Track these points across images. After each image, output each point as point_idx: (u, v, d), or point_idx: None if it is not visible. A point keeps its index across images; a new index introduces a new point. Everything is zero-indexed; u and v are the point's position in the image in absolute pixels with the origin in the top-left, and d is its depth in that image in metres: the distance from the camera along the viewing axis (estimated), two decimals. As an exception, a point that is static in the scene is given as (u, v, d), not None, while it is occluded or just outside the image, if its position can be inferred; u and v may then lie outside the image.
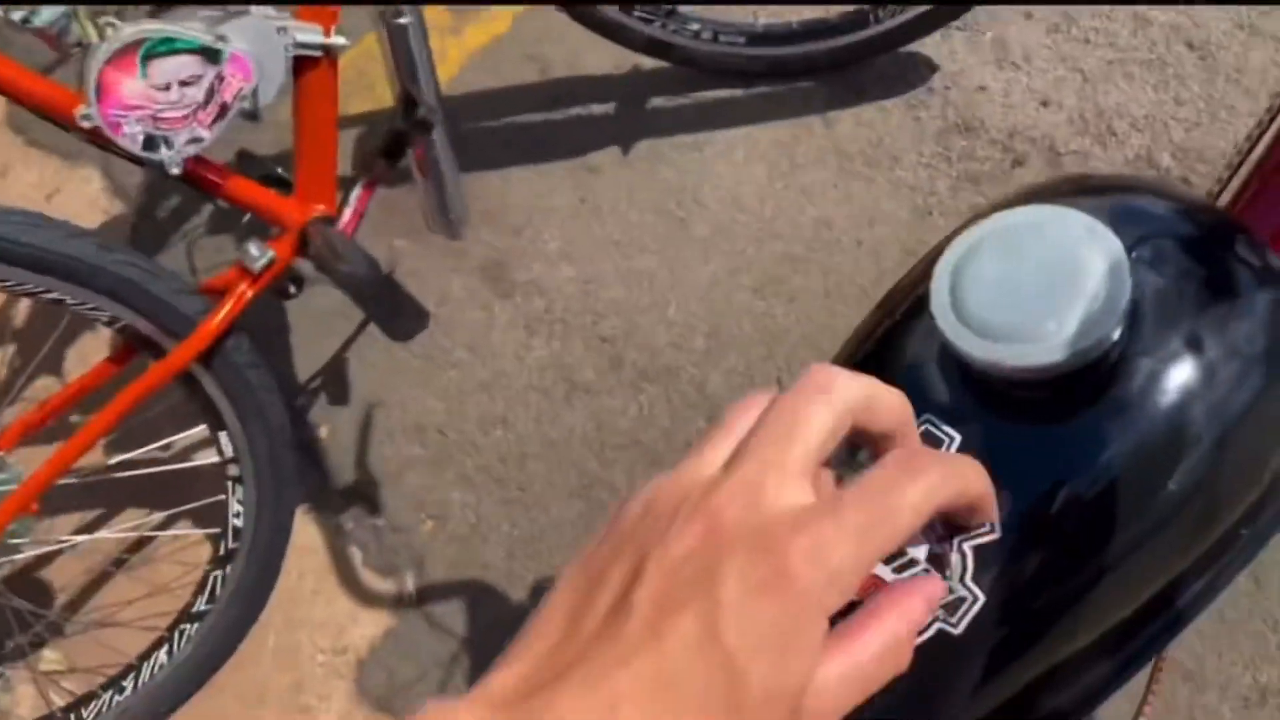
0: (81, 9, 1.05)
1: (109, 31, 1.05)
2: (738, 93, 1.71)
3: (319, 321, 1.65)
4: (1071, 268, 0.39)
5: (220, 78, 1.09)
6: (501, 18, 1.85)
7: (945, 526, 0.41)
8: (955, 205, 1.57)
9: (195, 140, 1.11)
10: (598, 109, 1.74)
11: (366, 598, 1.47)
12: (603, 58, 1.76)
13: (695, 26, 1.60)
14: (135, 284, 1.18)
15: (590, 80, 1.76)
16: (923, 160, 1.62)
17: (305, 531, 1.53)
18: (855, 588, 0.31)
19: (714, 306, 1.56)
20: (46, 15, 1.04)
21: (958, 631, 0.41)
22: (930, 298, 0.41)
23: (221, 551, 1.37)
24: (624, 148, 1.70)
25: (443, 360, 1.58)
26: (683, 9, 1.59)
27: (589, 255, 1.63)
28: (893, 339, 0.47)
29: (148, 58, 1.06)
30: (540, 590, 1.42)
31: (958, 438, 0.41)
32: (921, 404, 0.43)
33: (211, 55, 1.08)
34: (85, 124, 1.06)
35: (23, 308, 1.71)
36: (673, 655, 0.29)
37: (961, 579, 0.41)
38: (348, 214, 1.24)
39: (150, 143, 1.10)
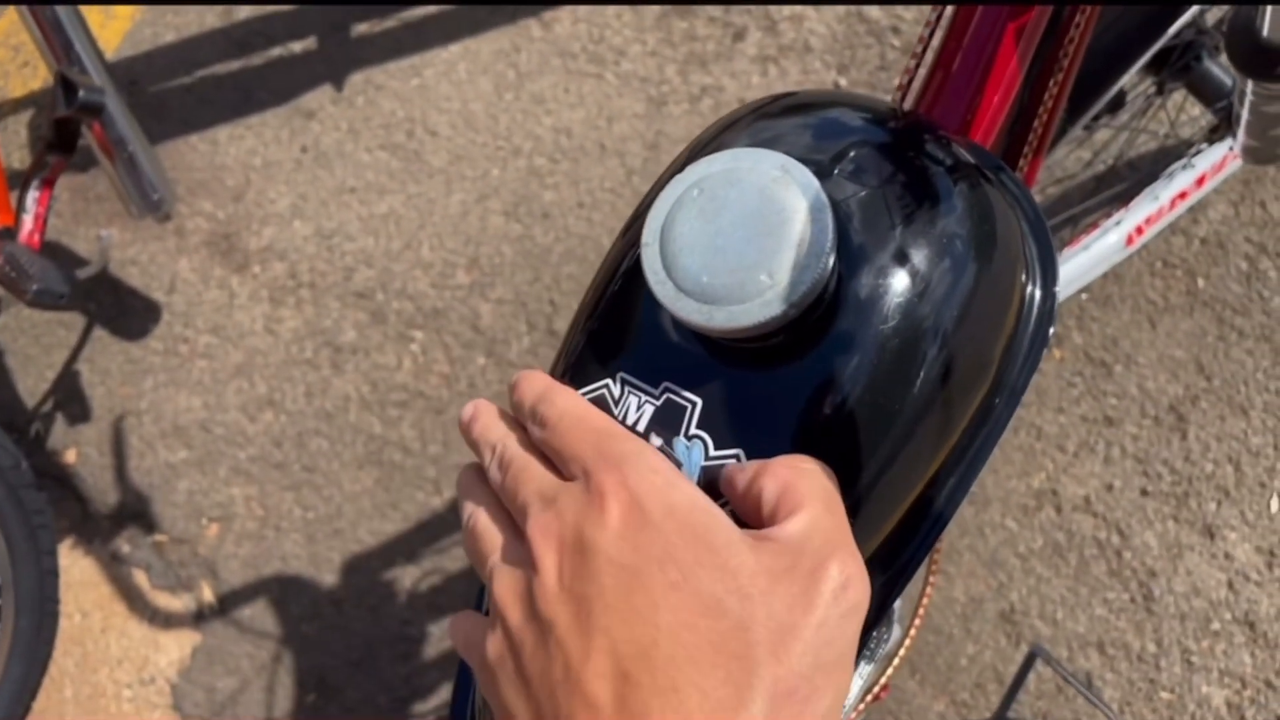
0: None
1: None
2: (446, 5, 1.62)
3: (37, 336, 1.48)
4: (773, 213, 0.37)
5: None
6: (166, -39, 1.66)
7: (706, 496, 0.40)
8: (688, 90, 1.56)
9: None
10: (298, 46, 1.61)
11: (164, 620, 1.37)
12: (291, -11, 1.62)
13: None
14: None
15: (283, 15, 1.62)
16: (647, 49, 1.59)
17: (78, 566, 1.40)
18: None
19: (469, 238, 1.50)
20: None
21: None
22: (643, 264, 0.39)
23: (-18, 614, 1.23)
24: (337, 84, 1.58)
25: (187, 351, 1.46)
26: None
27: (323, 208, 1.52)
28: (621, 301, 0.45)
29: None
30: (352, 567, 1.36)
31: (699, 401, 0.40)
32: (659, 372, 0.41)
33: None
34: None
35: None
36: None
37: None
38: (28, 221, 1.10)
39: None
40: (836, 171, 0.42)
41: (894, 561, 0.43)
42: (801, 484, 0.36)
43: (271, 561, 1.37)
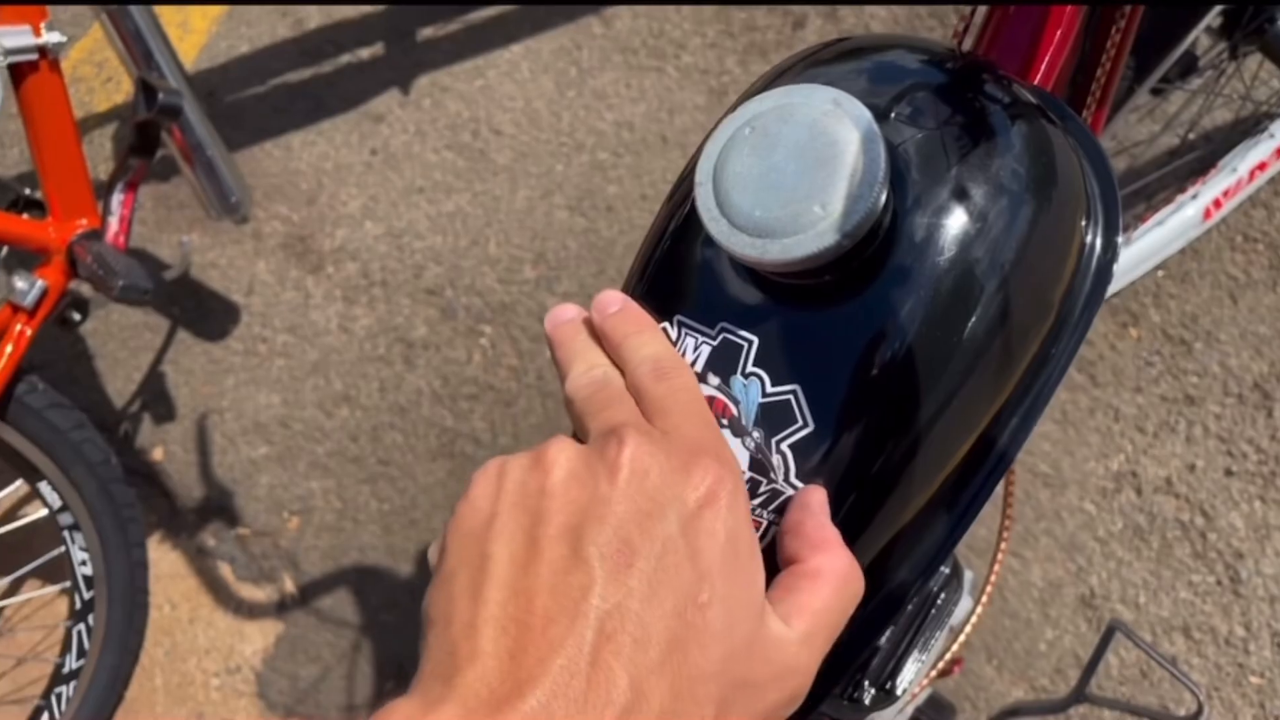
0: None
1: None
2: (508, 7, 1.65)
3: (124, 340, 1.53)
4: (825, 146, 0.37)
5: (-77, 106, 0.97)
6: (239, -25, 1.71)
7: (761, 433, 0.40)
8: (749, 80, 1.56)
9: (-87, 180, 0.99)
10: (365, 53, 1.65)
11: (248, 610, 1.41)
12: (358, -3, 1.66)
13: (446, -54, 1.52)
14: (-107, 351, 1.06)
15: (350, 23, 1.66)
16: (707, 41, 1.60)
17: (166, 560, 1.44)
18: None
19: (535, 233, 1.52)
20: None
21: (794, 532, 0.40)
22: (697, 203, 0.39)
23: (78, 604, 1.28)
24: (403, 88, 1.62)
25: (266, 351, 1.50)
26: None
27: (393, 208, 1.56)
28: (676, 248, 0.45)
29: None
30: (427, 557, 1.39)
31: (755, 340, 0.40)
32: (715, 313, 0.42)
33: (-95, 83, 0.96)
34: None
35: None
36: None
37: (786, 478, 0.40)
38: (114, 223, 1.14)
39: None
40: (894, 115, 0.42)
41: (958, 500, 0.42)
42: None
43: (350, 552, 1.40)
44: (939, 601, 0.62)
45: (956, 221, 0.40)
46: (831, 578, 0.35)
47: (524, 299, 1.48)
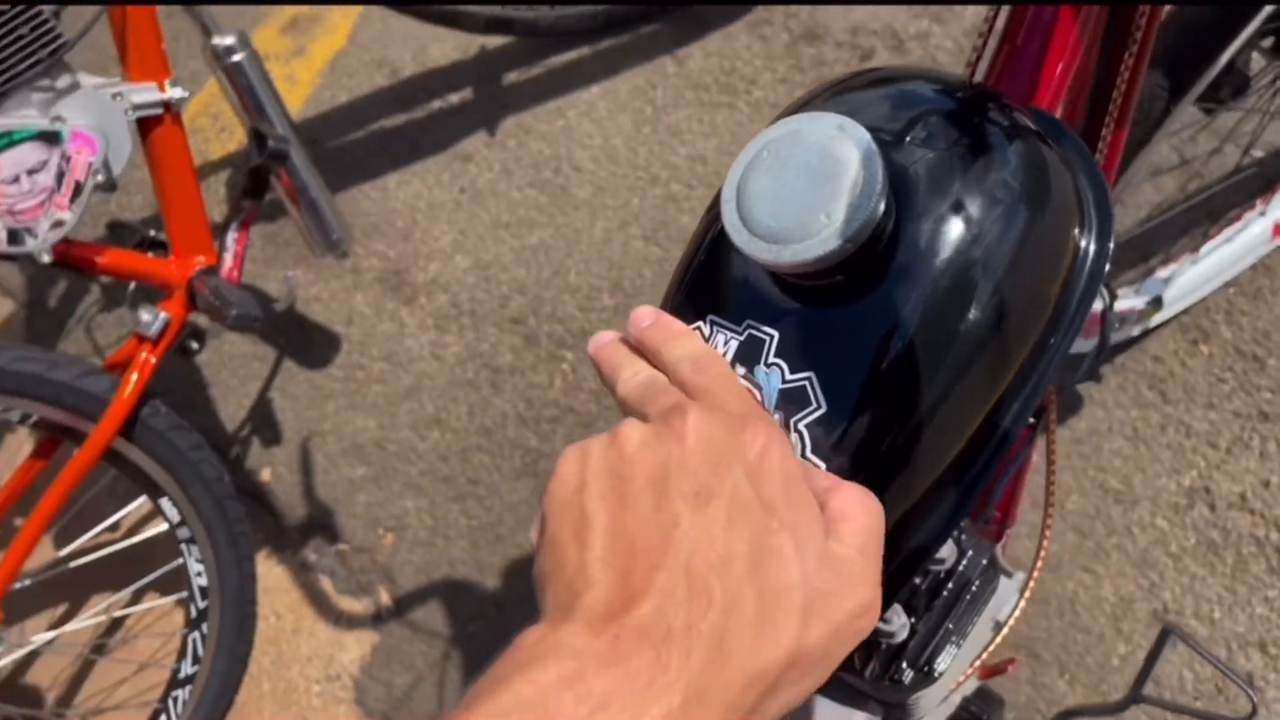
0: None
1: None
2: (586, 51, 1.74)
3: (235, 369, 1.66)
4: (830, 165, 0.43)
5: (66, 157, 1.10)
6: (339, 31, 1.85)
7: (781, 415, 0.46)
8: (816, 112, 1.61)
9: (58, 224, 1.11)
10: (455, 98, 1.76)
11: (347, 622, 1.50)
12: (447, 47, 1.78)
13: (529, -3, 1.63)
14: (38, 376, 1.18)
15: (441, 71, 1.78)
16: (777, 76, 1.66)
17: (272, 574, 1.55)
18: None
19: (612, 263, 1.60)
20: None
21: (811, 505, 0.45)
22: (722, 217, 0.46)
23: (193, 613, 1.38)
24: (490, 130, 1.72)
25: (364, 377, 1.60)
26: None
27: (481, 242, 1.65)
28: (709, 258, 0.52)
29: (-12, 155, 1.06)
30: (513, 572, 1.46)
31: (776, 334, 0.46)
32: (741, 312, 0.48)
33: (52, 138, 1.08)
34: (-58, 234, 1.06)
35: (-63, 427, 1.69)
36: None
37: (803, 454, 0.45)
38: (229, 259, 1.25)
39: (14, 237, 1.10)
40: (907, 138, 0.48)
41: (962, 478, 0.47)
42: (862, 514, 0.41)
43: (441, 567, 1.48)
44: (974, 588, 0.66)
45: (955, 228, 0.45)
46: (855, 507, 0.40)
47: (603, 325, 1.56)
